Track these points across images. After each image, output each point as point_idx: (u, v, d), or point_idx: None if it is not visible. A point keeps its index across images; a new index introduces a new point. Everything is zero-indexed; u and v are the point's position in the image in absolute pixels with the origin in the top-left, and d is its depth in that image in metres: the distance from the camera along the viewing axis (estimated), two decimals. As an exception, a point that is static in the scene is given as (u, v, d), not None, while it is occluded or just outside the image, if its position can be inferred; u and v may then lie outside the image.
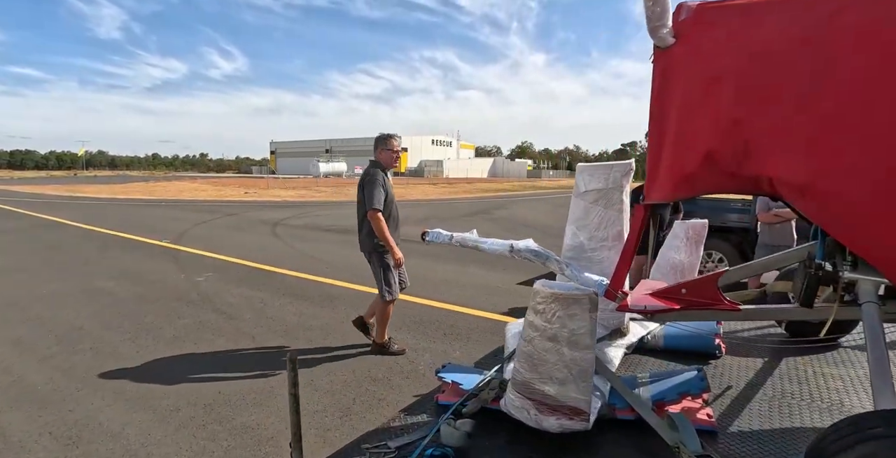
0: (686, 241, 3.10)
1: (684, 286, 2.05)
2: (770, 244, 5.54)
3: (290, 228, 11.98)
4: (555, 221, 15.47)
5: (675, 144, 1.84)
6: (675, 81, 1.82)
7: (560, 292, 1.35)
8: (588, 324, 1.35)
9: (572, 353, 1.38)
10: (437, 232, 2.72)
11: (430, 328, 4.59)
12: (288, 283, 6.18)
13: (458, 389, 1.98)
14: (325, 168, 54.72)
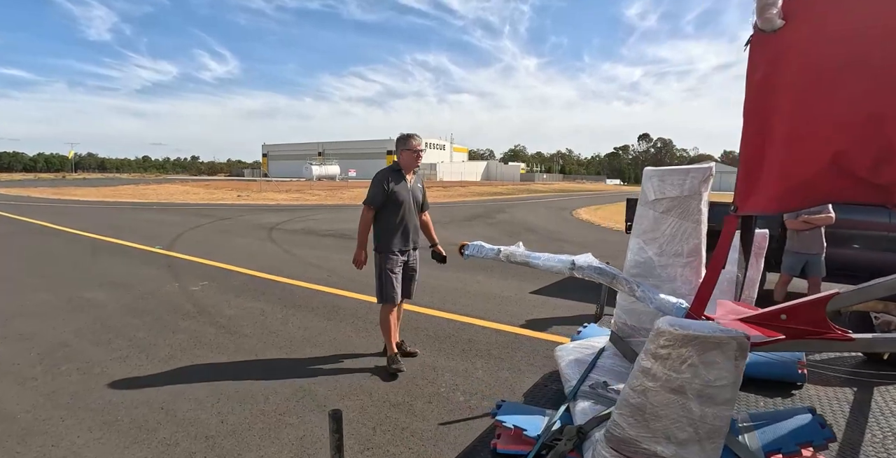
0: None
1: (784, 312, 1.74)
2: (799, 252, 5.29)
3: (286, 232, 11.60)
4: (556, 226, 15.23)
5: (787, 145, 1.53)
6: (786, 71, 1.51)
7: (698, 333, 1.05)
8: (731, 374, 1.05)
9: (703, 409, 1.08)
10: (479, 245, 2.41)
11: (447, 344, 4.26)
12: (289, 292, 5.82)
13: (521, 436, 1.66)
14: (318, 171, 54.27)
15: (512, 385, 3.48)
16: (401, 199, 3.68)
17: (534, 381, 3.54)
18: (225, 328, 4.50)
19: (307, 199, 24.67)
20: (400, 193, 3.67)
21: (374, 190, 3.62)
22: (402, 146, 3.71)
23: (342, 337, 4.34)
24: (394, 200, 3.65)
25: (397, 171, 3.72)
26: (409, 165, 3.73)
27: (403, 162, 3.72)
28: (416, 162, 3.76)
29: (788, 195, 1.54)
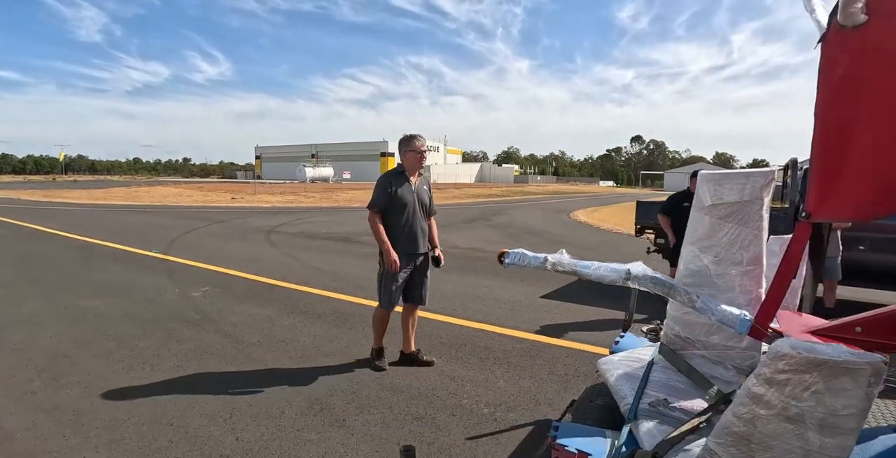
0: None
1: (858, 324, 1.61)
2: (816, 255, 5.18)
3: (285, 235, 11.42)
4: (556, 228, 15.15)
5: (875, 148, 1.39)
6: (874, 68, 1.38)
7: (827, 357, 0.92)
8: (861, 402, 0.92)
9: (823, 439, 0.96)
10: (520, 253, 2.26)
11: (463, 352, 4.12)
12: (294, 298, 5.65)
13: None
14: (312, 173, 53.98)
15: (535, 396, 3.34)
16: (405, 201, 3.58)
17: (556, 390, 3.42)
18: (231, 337, 4.33)
19: (302, 201, 24.46)
20: (404, 195, 3.57)
21: (377, 193, 3.55)
22: (404, 147, 3.60)
23: (354, 346, 4.18)
24: (398, 203, 3.55)
25: (400, 173, 3.63)
26: (412, 167, 3.64)
27: (407, 164, 3.63)
28: (420, 163, 3.66)
29: (877, 203, 1.42)
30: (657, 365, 2.09)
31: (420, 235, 3.68)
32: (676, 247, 5.35)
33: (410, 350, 3.90)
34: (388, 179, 3.58)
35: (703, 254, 1.98)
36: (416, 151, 3.59)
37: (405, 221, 3.60)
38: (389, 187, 3.54)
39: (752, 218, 1.85)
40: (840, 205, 1.49)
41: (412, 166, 3.64)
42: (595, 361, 3.97)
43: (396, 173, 3.64)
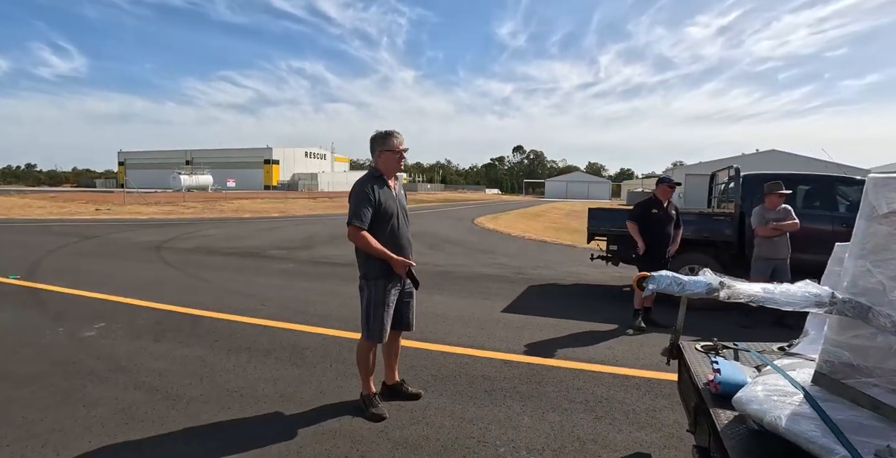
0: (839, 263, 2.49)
1: None
2: (767, 257, 5.40)
3: (180, 252, 9.83)
4: (471, 236, 15.02)
5: None
6: None
7: None
8: None
9: None
10: (672, 278, 1.77)
11: (461, 384, 3.54)
12: (225, 331, 4.63)
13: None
14: (188, 181, 49.10)
15: (573, 432, 2.88)
16: (390, 211, 2.97)
17: (590, 422, 2.99)
18: (161, 392, 3.30)
19: (182, 212, 21.83)
20: (387, 203, 2.96)
21: (359, 204, 2.87)
22: (380, 146, 2.98)
23: (331, 390, 3.39)
24: (381, 213, 2.93)
25: (378, 177, 3.00)
26: (391, 170, 3.04)
27: (384, 166, 3.01)
28: (400, 165, 3.07)
29: None
30: (819, 399, 1.72)
31: (408, 247, 3.08)
32: (647, 253, 5.26)
33: (394, 381, 3.29)
34: (368, 186, 2.92)
35: (877, 269, 1.65)
36: (394, 151, 2.98)
37: (390, 232, 2.98)
38: (372, 195, 2.90)
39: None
40: None
41: (390, 169, 3.03)
42: (600, 380, 3.64)
43: (373, 178, 3.00)
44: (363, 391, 3.08)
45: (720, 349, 2.67)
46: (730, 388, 2.09)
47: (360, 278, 3.01)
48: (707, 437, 2.02)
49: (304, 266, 8.48)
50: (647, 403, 3.37)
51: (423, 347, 4.31)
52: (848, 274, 1.72)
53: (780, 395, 1.79)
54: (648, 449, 2.77)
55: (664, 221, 5.29)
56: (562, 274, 8.51)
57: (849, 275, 1.72)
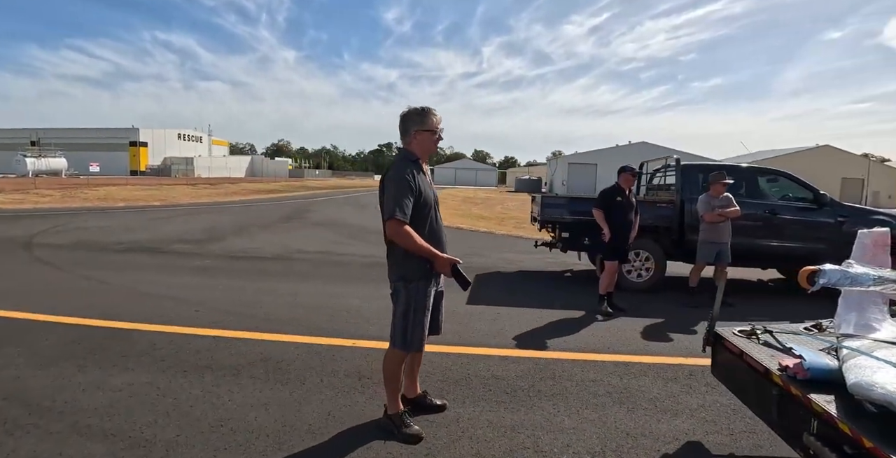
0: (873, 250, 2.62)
1: None
2: (713, 241, 5.77)
3: (57, 250, 8.16)
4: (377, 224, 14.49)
5: None
6: None
7: None
8: None
9: None
10: (842, 272, 1.63)
11: (477, 388, 3.26)
12: (167, 347, 3.81)
13: None
14: (37, 165, 41.90)
15: (620, 426, 2.76)
16: (430, 201, 2.58)
17: (626, 414, 2.89)
18: (119, 436, 2.56)
19: (38, 201, 18.44)
20: (426, 192, 2.56)
21: (400, 193, 2.41)
22: (417, 125, 2.55)
23: (337, 410, 2.91)
24: (422, 204, 2.51)
25: (415, 161, 2.57)
26: (426, 152, 2.63)
27: (420, 148, 2.59)
28: (436, 148, 2.69)
29: None
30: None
31: (446, 243, 2.69)
32: (612, 240, 5.33)
33: (416, 394, 2.93)
34: (409, 172, 2.48)
35: None
36: (432, 131, 2.57)
37: (430, 227, 2.57)
38: (413, 184, 2.47)
39: None
40: None
41: (426, 151, 2.62)
42: (606, 369, 3.61)
43: (410, 162, 2.55)
44: (390, 411, 2.66)
45: (760, 333, 2.69)
46: (819, 373, 2.06)
47: (394, 281, 2.56)
48: (808, 423, 1.96)
49: (223, 262, 7.50)
50: (662, 389, 3.36)
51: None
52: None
53: (890, 375, 1.77)
54: (695, 437, 2.74)
55: (627, 209, 5.40)
56: (497, 262, 8.49)
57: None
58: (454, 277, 2.47)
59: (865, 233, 2.68)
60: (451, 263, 2.46)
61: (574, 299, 5.85)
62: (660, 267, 6.44)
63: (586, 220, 6.29)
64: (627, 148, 45.62)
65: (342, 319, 4.66)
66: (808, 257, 6.37)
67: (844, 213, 6.39)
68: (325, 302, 5.22)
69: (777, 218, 6.37)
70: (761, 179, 6.70)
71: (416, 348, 2.57)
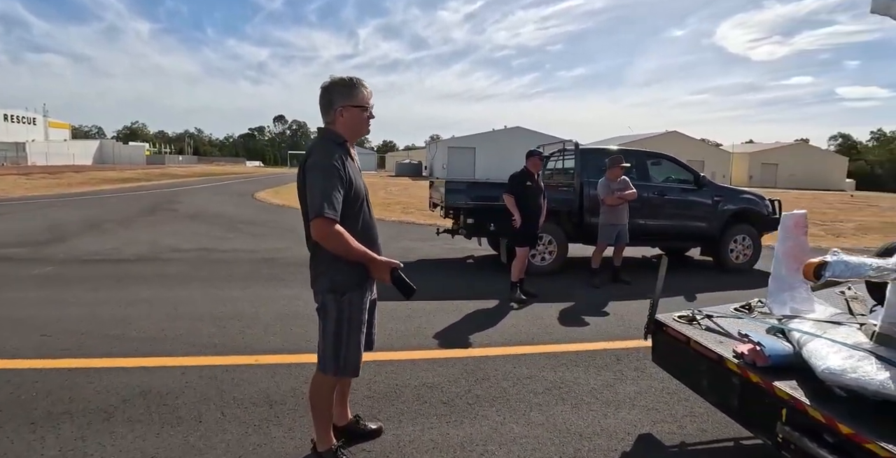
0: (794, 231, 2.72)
1: None
2: (613, 223, 5.98)
3: None
4: (262, 214, 13.46)
5: None
6: None
7: None
8: None
9: None
10: (843, 262, 1.50)
11: (410, 401, 2.92)
12: (4, 390, 2.93)
13: None
14: None
15: (566, 427, 2.60)
16: (361, 193, 2.11)
17: (564, 413, 2.75)
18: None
19: None
20: (357, 181, 2.08)
21: (328, 184, 1.92)
22: (344, 100, 2.05)
23: (260, 455, 2.39)
24: (353, 197, 2.04)
25: (341, 144, 2.07)
26: (356, 133, 2.13)
27: (348, 128, 2.09)
28: (367, 129, 2.17)
29: None
30: (891, 358, 1.74)
31: (378, 241, 2.25)
32: (523, 226, 5.23)
33: (347, 420, 2.52)
34: (335, 157, 1.99)
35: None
36: (364, 107, 2.10)
37: (363, 223, 2.12)
38: (343, 172, 1.99)
39: None
40: None
41: (356, 133, 2.12)
42: (538, 362, 3.53)
43: (336, 145, 2.05)
44: (321, 447, 2.21)
45: (700, 318, 2.67)
46: (779, 359, 2.04)
47: (321, 293, 2.08)
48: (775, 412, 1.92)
49: (71, 268, 6.21)
50: (597, 379, 3.30)
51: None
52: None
53: (859, 360, 1.77)
54: (644, 428, 2.68)
55: (536, 194, 5.33)
56: (396, 251, 8.12)
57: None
58: (394, 283, 2.06)
59: (788, 215, 2.76)
60: (390, 267, 2.05)
61: (485, 288, 5.72)
62: (562, 250, 6.55)
63: (492, 205, 6.20)
64: (504, 132, 47.43)
65: (236, 330, 4.00)
66: (694, 234, 7.02)
67: (720, 193, 7.02)
68: (212, 311, 4.49)
69: (665, 199, 6.79)
70: (648, 163, 7.09)
71: (352, 372, 2.14)
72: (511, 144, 45.30)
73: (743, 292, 5.95)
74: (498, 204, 5.92)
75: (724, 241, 6.95)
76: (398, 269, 2.05)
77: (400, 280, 2.04)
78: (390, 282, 2.05)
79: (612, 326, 4.53)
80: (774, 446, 1.91)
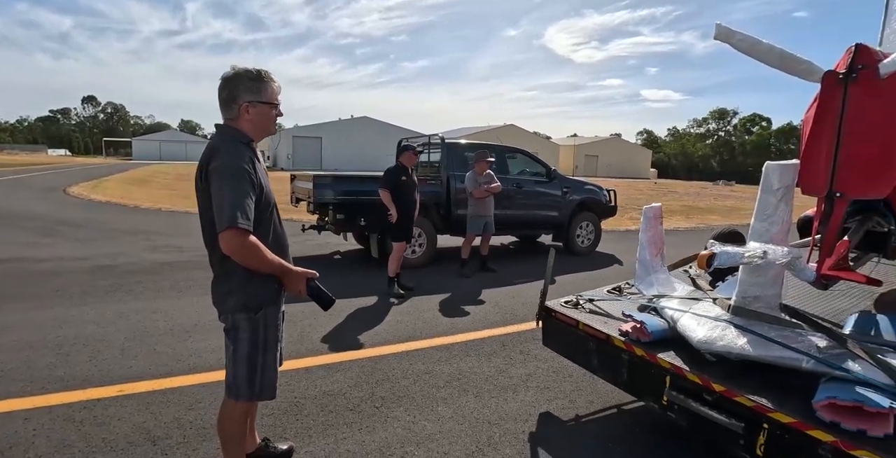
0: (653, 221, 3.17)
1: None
2: (480, 215, 6.34)
3: None
4: (88, 213, 11.52)
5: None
6: None
7: None
8: None
9: None
10: (726, 252, 1.75)
11: (314, 413, 2.79)
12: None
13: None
14: None
15: (475, 417, 2.73)
16: (271, 198, 1.93)
17: (469, 403, 2.92)
18: None
19: None
20: (267, 187, 1.91)
21: (241, 191, 1.71)
22: (250, 95, 1.83)
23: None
24: (264, 204, 1.86)
25: (247, 144, 1.87)
26: (263, 133, 1.93)
27: (254, 126, 1.88)
28: (274, 128, 1.98)
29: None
30: (746, 325, 2.15)
31: (289, 249, 2.10)
32: (399, 220, 5.25)
33: (257, 445, 2.33)
34: (246, 160, 1.78)
35: (773, 226, 2.19)
36: (273, 104, 1.90)
37: (274, 232, 1.94)
38: (254, 176, 1.80)
39: (790, 197, 2.19)
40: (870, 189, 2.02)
41: (263, 132, 1.92)
42: (431, 357, 3.62)
43: (242, 145, 1.84)
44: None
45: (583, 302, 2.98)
46: (659, 334, 2.39)
47: (232, 313, 1.85)
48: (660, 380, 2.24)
49: None
50: (489, 366, 3.50)
51: (202, 380, 3.13)
52: (756, 233, 2.22)
53: (723, 330, 2.16)
54: (542, 407, 2.93)
55: (411, 188, 5.38)
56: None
57: (756, 234, 2.21)
58: (311, 295, 1.94)
59: (648, 208, 3.20)
60: (304, 277, 1.92)
61: (361, 284, 5.65)
62: (432, 242, 6.73)
63: (362, 200, 6.12)
64: (351, 122, 46.75)
65: (84, 358, 3.39)
66: (547, 222, 7.71)
67: (567, 184, 7.81)
68: (46, 336, 3.73)
69: (523, 191, 7.35)
70: (506, 157, 7.58)
71: (268, 395, 1.97)
72: (358, 134, 44.82)
73: (590, 273, 6.75)
74: (368, 199, 5.88)
75: (572, 227, 7.77)
76: (314, 279, 1.93)
77: (317, 291, 1.93)
78: (306, 294, 1.93)
79: (491, 313, 4.80)
80: (661, 408, 2.23)
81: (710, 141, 66.66)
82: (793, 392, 1.86)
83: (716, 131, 67.74)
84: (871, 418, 1.59)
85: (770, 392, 1.87)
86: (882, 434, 1.56)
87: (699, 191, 30.56)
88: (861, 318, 2.26)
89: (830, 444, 1.61)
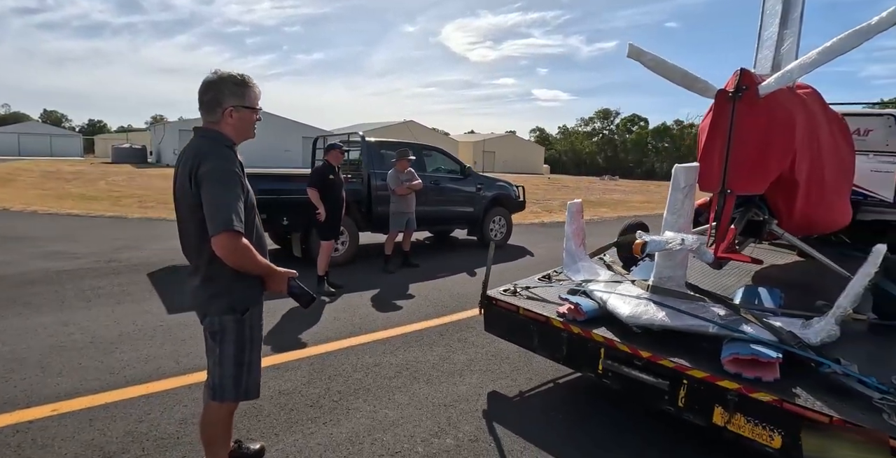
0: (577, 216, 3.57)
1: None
2: (403, 211, 6.55)
3: None
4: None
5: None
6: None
7: None
8: None
9: None
10: (654, 240, 2.09)
11: (275, 414, 2.84)
12: None
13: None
14: None
15: (431, 400, 2.97)
16: (252, 201, 1.98)
17: (421, 391, 3.16)
18: None
19: None
20: (249, 188, 1.96)
21: (232, 195, 1.77)
22: (236, 100, 1.87)
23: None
24: (249, 207, 1.92)
25: (230, 147, 1.92)
26: (244, 137, 1.98)
27: (237, 131, 1.92)
28: (253, 132, 2.03)
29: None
30: (663, 301, 2.58)
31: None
32: (328, 219, 5.28)
33: (230, 448, 2.34)
34: (235, 163, 1.84)
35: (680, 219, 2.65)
36: (254, 109, 1.95)
37: (257, 233, 1.99)
38: (244, 180, 1.87)
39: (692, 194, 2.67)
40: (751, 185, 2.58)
41: (244, 136, 1.97)
42: (377, 350, 3.79)
43: (227, 148, 1.88)
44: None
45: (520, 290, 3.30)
46: (592, 313, 2.76)
47: (218, 315, 1.87)
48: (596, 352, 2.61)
49: None
50: (433, 354, 3.73)
51: (145, 391, 3.02)
52: (668, 224, 2.67)
53: (645, 306, 2.58)
54: (489, 387, 3.22)
55: (339, 187, 5.41)
56: (164, 254, 7.14)
57: (668, 225, 2.67)
58: (291, 294, 2.02)
59: (572, 203, 3.60)
60: (286, 277, 2.00)
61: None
62: (354, 240, 6.79)
63: (283, 199, 6.04)
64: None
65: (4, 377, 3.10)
66: (463, 217, 8.07)
67: (480, 181, 8.23)
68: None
69: (441, 187, 7.63)
70: (423, 154, 7.82)
71: (254, 394, 2.03)
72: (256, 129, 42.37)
73: (507, 264, 7.20)
74: (289, 197, 5.83)
75: (486, 222, 8.21)
76: (294, 278, 2.02)
77: (298, 289, 2.02)
78: (287, 292, 2.01)
79: (422, 306, 5.02)
80: (597, 377, 2.60)
81: (596, 139, 72.12)
82: (703, 353, 2.30)
83: (601, 130, 73.38)
84: (763, 367, 2.05)
85: (686, 354, 2.30)
86: (773, 379, 2.02)
87: (588, 186, 33.05)
88: (747, 290, 2.81)
89: (736, 391, 2.04)
